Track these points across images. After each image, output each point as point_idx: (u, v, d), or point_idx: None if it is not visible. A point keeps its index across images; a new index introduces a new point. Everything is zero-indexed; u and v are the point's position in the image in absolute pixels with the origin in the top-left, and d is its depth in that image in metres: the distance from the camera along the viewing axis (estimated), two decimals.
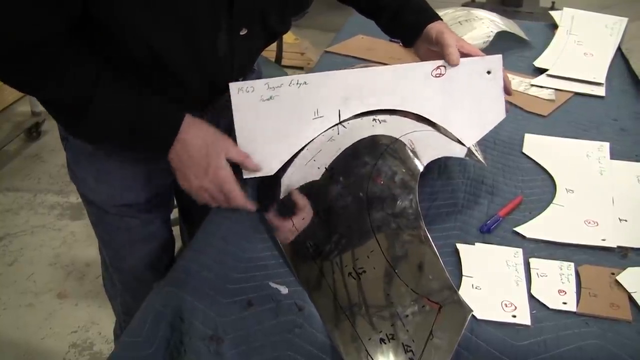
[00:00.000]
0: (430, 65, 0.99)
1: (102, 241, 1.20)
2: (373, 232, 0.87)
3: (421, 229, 0.87)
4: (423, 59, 1.11)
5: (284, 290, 0.85)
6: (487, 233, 0.95)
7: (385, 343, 0.78)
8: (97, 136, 0.97)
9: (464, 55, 1.02)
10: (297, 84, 0.95)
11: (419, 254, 0.85)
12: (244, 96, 0.95)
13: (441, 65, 0.99)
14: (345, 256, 0.87)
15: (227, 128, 1.13)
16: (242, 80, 1.07)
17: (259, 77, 1.24)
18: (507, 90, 1.04)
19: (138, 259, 1.18)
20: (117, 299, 1.29)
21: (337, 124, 0.98)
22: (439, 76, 0.99)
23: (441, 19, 1.11)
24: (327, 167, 0.95)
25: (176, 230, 1.32)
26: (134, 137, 0.95)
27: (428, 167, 0.94)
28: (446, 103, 1.00)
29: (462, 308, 0.79)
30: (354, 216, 0.89)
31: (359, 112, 0.99)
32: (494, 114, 1.02)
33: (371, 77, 0.99)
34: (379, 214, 0.88)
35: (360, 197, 0.90)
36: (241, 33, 0.95)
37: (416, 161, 0.93)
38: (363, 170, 0.92)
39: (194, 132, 0.94)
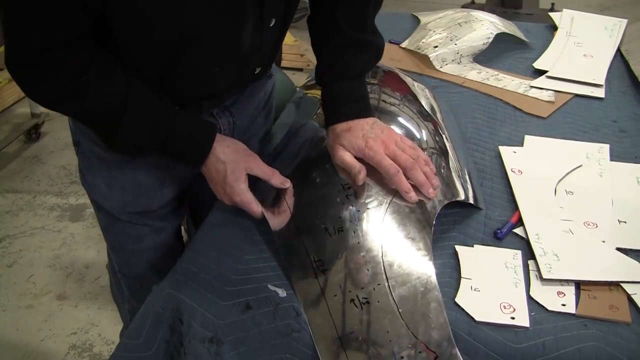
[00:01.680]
0: None
1: (112, 247, 1.19)
2: (383, 267, 0.86)
3: (432, 276, 0.85)
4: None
5: (282, 293, 0.85)
6: (500, 239, 0.95)
7: None
8: (130, 152, 0.96)
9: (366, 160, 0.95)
10: None
11: (426, 300, 0.83)
12: None
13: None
14: (350, 281, 0.85)
15: (243, 129, 1.12)
16: (260, 71, 1.04)
17: (273, 83, 1.22)
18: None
19: (147, 266, 1.17)
20: (125, 305, 1.28)
21: None
22: None
23: (356, 116, 0.97)
24: (343, 184, 0.94)
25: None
26: (165, 156, 0.95)
27: None
28: None
29: None
30: (367, 245, 0.88)
31: None
32: None
33: None
34: (391, 248, 0.87)
35: (376, 227, 0.89)
36: (270, 24, 0.92)
37: (433, 201, 0.92)
38: (377, 202, 0.91)
39: (216, 155, 0.94)
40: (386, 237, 0.89)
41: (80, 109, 0.88)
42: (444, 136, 1.08)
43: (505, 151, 1.16)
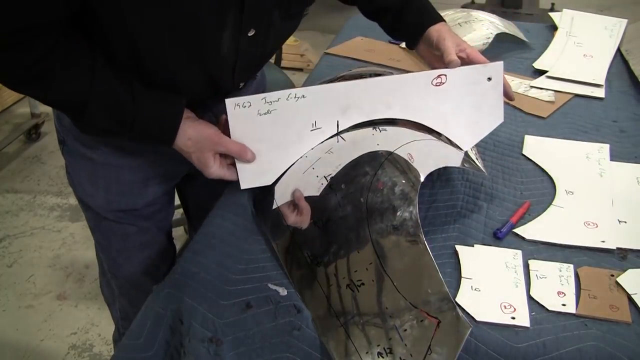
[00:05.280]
0: (431, 74, 1.00)
1: (100, 246, 1.20)
2: (372, 244, 0.86)
3: (420, 242, 0.86)
4: (426, 60, 1.13)
5: (282, 291, 0.85)
6: (500, 239, 0.95)
7: (382, 357, 0.78)
8: (100, 133, 0.95)
9: (464, 61, 1.03)
10: (295, 97, 0.95)
11: (418, 267, 0.84)
12: (241, 111, 0.94)
13: (442, 74, 0.99)
14: (343, 267, 0.86)
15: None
16: (243, 85, 1.06)
17: (262, 83, 1.23)
18: (509, 96, 1.06)
19: (135, 265, 1.17)
20: (115, 305, 1.28)
21: (335, 135, 0.98)
22: (439, 85, 0.99)
23: (444, 21, 1.12)
24: (325, 176, 0.94)
25: (176, 231, 1.32)
26: (133, 137, 0.94)
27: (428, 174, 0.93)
28: (446, 111, 1.00)
29: (461, 324, 0.78)
30: (353, 227, 0.88)
31: (357, 122, 0.98)
32: (493, 118, 1.03)
33: (370, 87, 0.99)
34: (378, 226, 0.88)
35: (360, 208, 0.89)
36: (249, 34, 0.92)
37: (416, 172, 0.92)
38: (363, 180, 0.91)
39: (179, 147, 0.95)
40: (371, 215, 0.89)
41: (46, 93, 0.87)
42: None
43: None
